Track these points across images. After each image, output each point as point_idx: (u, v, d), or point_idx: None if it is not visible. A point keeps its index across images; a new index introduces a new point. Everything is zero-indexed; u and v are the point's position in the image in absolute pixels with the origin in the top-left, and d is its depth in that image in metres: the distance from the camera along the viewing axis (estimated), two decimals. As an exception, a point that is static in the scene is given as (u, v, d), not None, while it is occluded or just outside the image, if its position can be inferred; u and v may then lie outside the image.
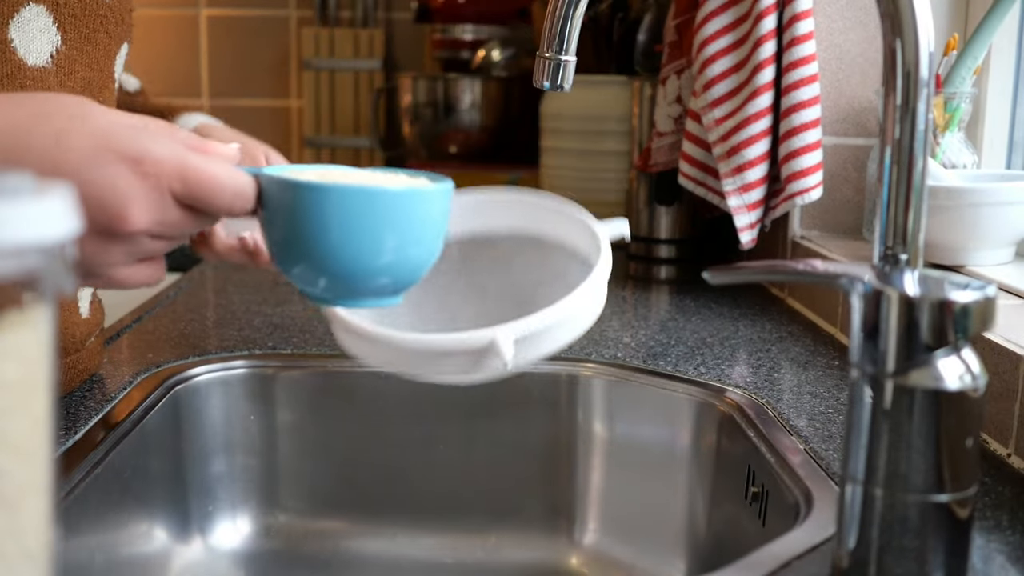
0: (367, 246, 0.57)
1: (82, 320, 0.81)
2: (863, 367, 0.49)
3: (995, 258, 0.98)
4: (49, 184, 0.35)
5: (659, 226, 1.43)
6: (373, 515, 0.96)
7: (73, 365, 0.82)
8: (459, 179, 0.65)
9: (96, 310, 0.85)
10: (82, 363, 0.84)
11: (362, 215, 0.56)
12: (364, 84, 2.16)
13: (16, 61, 0.66)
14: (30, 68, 0.67)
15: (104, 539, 0.73)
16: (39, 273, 0.34)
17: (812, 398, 0.83)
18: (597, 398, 0.93)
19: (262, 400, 0.94)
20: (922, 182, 0.53)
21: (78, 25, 0.72)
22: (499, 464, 0.96)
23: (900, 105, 0.53)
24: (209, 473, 0.92)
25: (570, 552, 0.94)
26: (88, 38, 0.73)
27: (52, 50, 0.69)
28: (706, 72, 1.19)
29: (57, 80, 0.70)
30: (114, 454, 0.74)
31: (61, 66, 0.71)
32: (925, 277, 0.51)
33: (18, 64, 0.66)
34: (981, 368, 0.49)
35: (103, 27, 0.75)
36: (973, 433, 0.49)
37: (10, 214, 0.32)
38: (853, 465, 0.50)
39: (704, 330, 1.05)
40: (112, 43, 0.77)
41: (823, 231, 1.21)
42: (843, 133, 1.20)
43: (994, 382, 0.72)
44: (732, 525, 0.80)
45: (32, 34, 0.67)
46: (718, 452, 0.84)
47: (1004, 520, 0.61)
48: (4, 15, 0.65)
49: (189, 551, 0.88)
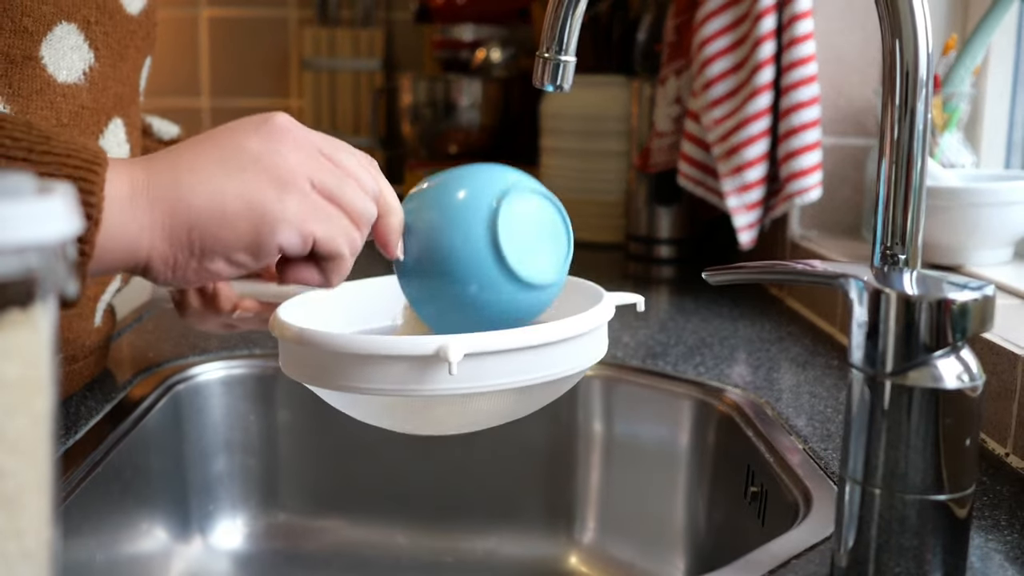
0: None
1: (95, 329, 0.81)
2: (862, 367, 0.50)
3: (994, 258, 0.98)
4: (51, 185, 0.35)
5: (658, 226, 1.44)
6: (373, 514, 0.96)
7: (79, 371, 0.82)
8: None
9: (108, 319, 0.85)
10: (88, 369, 0.84)
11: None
12: (364, 84, 2.16)
13: (46, 78, 0.67)
14: (60, 84, 0.68)
15: (104, 538, 0.73)
16: (40, 272, 0.34)
17: (811, 398, 0.84)
18: (597, 398, 0.93)
19: (262, 400, 0.94)
20: (921, 182, 0.54)
21: (110, 42, 0.72)
22: (499, 463, 0.96)
23: (899, 105, 0.53)
24: (210, 472, 0.92)
25: (570, 551, 0.94)
26: (120, 54, 0.74)
27: (85, 67, 0.70)
28: (705, 72, 1.19)
29: (91, 96, 0.71)
30: (115, 453, 0.74)
31: (95, 83, 0.71)
32: (924, 277, 0.51)
33: (48, 80, 0.67)
34: (979, 368, 0.49)
35: (132, 42, 0.76)
36: (971, 433, 0.49)
37: (11, 213, 0.32)
38: (852, 465, 0.50)
39: (703, 330, 1.05)
40: (139, 58, 0.78)
41: (822, 231, 1.22)
42: (842, 133, 1.20)
43: (992, 382, 0.72)
44: (731, 524, 0.80)
45: (63, 52, 0.68)
46: (717, 452, 0.84)
47: (1002, 519, 0.61)
48: (38, 33, 0.66)
49: (189, 550, 0.88)
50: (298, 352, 0.61)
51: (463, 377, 0.57)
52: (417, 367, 0.56)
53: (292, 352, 0.62)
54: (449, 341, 0.55)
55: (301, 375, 0.62)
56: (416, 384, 0.57)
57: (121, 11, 0.74)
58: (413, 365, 0.56)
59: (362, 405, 0.64)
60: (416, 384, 0.57)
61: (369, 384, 0.58)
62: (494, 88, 1.85)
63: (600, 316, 0.63)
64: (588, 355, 0.63)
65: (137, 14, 0.76)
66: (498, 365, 0.58)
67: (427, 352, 0.56)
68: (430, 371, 0.56)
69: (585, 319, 0.61)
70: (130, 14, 0.75)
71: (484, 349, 0.56)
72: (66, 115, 0.69)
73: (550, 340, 0.59)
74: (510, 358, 0.58)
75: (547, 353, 0.59)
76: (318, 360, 0.60)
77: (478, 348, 0.56)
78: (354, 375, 0.58)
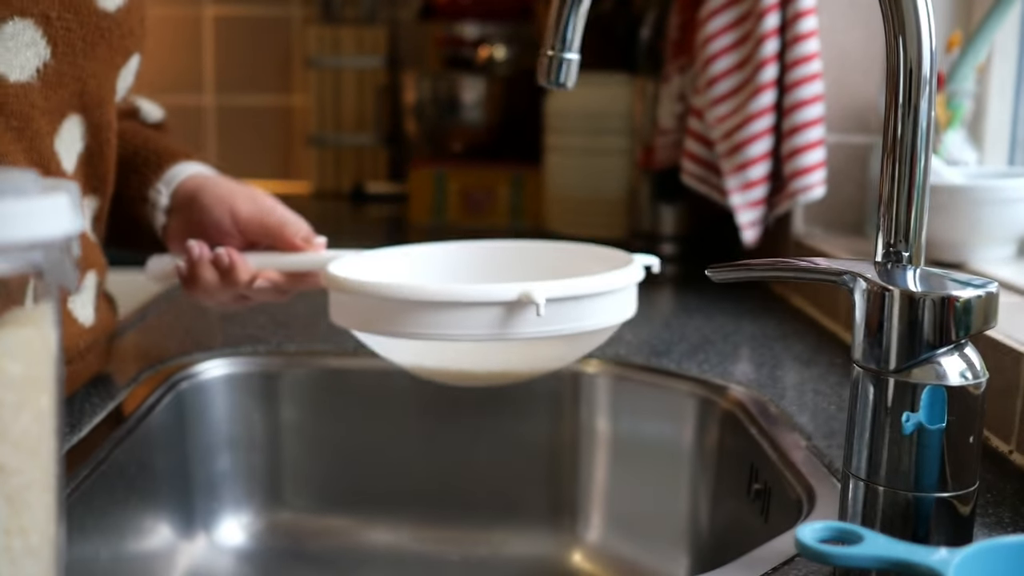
0: None
1: (83, 329, 0.77)
2: (865, 364, 0.50)
3: (997, 255, 0.98)
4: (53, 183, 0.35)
5: (662, 223, 1.44)
6: (377, 512, 0.96)
7: (73, 374, 0.79)
8: (463, 176, 0.66)
9: (104, 315, 0.81)
10: (88, 370, 0.81)
11: None
12: (368, 82, 2.16)
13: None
14: (11, 84, 0.66)
15: (109, 536, 0.73)
16: (43, 269, 0.34)
17: (815, 395, 0.84)
18: (600, 395, 0.93)
19: (267, 397, 0.94)
20: (924, 180, 0.54)
21: (72, 39, 0.70)
22: (503, 461, 0.96)
23: (902, 103, 0.53)
24: (214, 470, 0.92)
25: (573, 548, 0.94)
26: (85, 52, 0.71)
27: (39, 64, 0.68)
28: (709, 69, 1.19)
29: (42, 95, 0.69)
30: (119, 451, 0.74)
31: (47, 81, 0.69)
32: (927, 274, 0.51)
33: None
34: (983, 365, 0.49)
35: (104, 40, 0.73)
36: (975, 430, 0.49)
37: (14, 211, 0.32)
38: (855, 462, 0.50)
39: (707, 327, 1.05)
40: (116, 56, 0.75)
41: (825, 229, 1.21)
42: (845, 131, 1.20)
43: (995, 379, 0.72)
44: (735, 522, 0.80)
45: (16, 49, 0.66)
46: (721, 449, 0.84)
47: (1006, 517, 0.61)
48: None
49: (194, 548, 0.88)
50: (372, 304, 0.67)
51: (544, 321, 0.64)
52: (503, 312, 0.64)
53: (365, 305, 0.67)
54: (532, 287, 0.63)
55: (371, 326, 0.68)
56: (501, 328, 0.64)
57: (90, 6, 0.71)
58: (500, 310, 0.64)
59: (433, 354, 0.71)
60: (501, 328, 0.64)
61: (458, 330, 0.65)
62: (498, 86, 1.85)
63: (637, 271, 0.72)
64: (631, 307, 0.72)
65: (113, 11, 0.73)
66: (570, 311, 0.66)
67: (511, 298, 0.63)
68: (514, 316, 0.64)
69: (633, 270, 0.71)
70: (103, 10, 0.72)
71: (560, 295, 0.64)
72: (16, 117, 0.67)
73: (612, 288, 0.68)
74: (580, 304, 0.66)
75: (606, 301, 0.68)
76: (396, 310, 0.65)
77: (555, 294, 0.64)
78: (443, 322, 0.64)
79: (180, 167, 0.86)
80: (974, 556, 0.43)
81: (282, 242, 0.81)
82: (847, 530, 0.45)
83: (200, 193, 0.83)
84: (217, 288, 0.79)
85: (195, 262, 0.78)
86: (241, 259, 0.78)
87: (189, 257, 0.79)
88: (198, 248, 0.79)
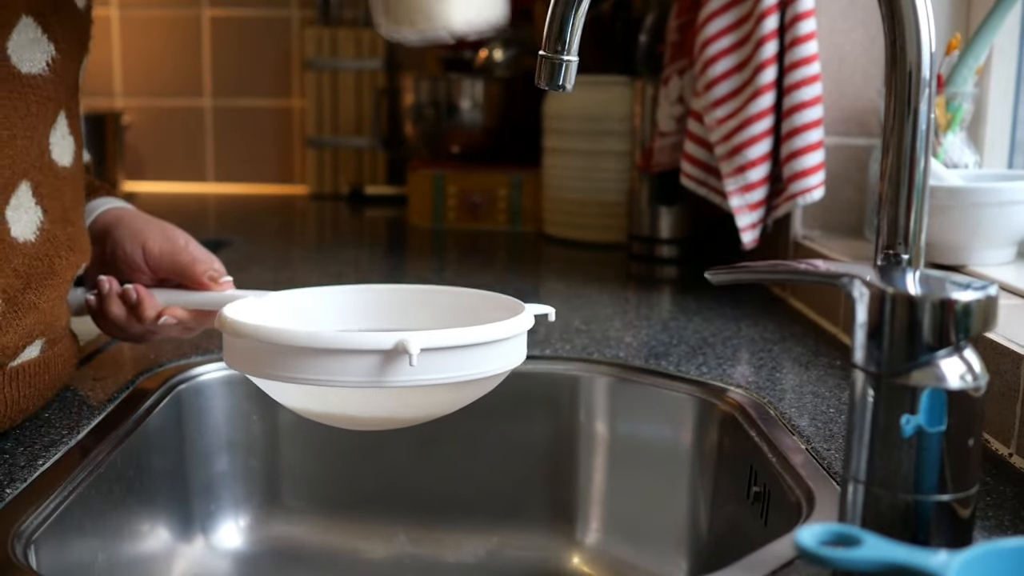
0: None
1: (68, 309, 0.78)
2: (865, 367, 0.50)
3: (996, 258, 0.98)
4: None
5: (661, 226, 1.44)
6: (375, 514, 0.96)
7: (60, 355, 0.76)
8: (461, 179, 0.66)
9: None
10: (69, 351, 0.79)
11: None
12: (366, 84, 2.16)
13: (9, 68, 0.69)
14: (24, 76, 0.70)
15: (107, 538, 0.73)
16: None
17: (814, 398, 0.83)
18: (599, 398, 0.93)
19: (265, 400, 0.94)
20: (924, 182, 0.54)
21: (68, 36, 0.74)
22: (501, 464, 0.96)
23: (902, 105, 0.53)
24: (212, 472, 0.92)
25: (572, 552, 0.94)
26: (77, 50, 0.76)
27: (48, 59, 0.71)
28: (708, 72, 1.19)
29: (54, 88, 0.72)
30: (117, 453, 0.74)
31: (59, 73, 0.73)
32: (927, 277, 0.51)
33: (11, 71, 0.69)
34: (982, 368, 0.49)
35: (82, 37, 0.77)
36: (974, 433, 0.49)
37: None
38: (855, 465, 0.50)
39: (706, 330, 1.05)
40: (83, 52, 0.79)
41: (825, 231, 1.21)
42: (845, 133, 1.20)
43: (995, 382, 0.72)
44: (734, 525, 0.80)
45: (24, 44, 0.69)
46: (720, 452, 0.84)
47: (1006, 520, 0.61)
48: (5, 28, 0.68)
49: (192, 550, 0.88)
50: (256, 348, 0.66)
51: (420, 370, 0.64)
52: (379, 360, 0.63)
53: (251, 348, 0.67)
54: (408, 337, 0.62)
55: (257, 370, 0.67)
56: (378, 376, 0.63)
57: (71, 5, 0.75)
58: (376, 358, 0.63)
59: (317, 398, 0.69)
60: (378, 376, 0.63)
61: (335, 377, 0.64)
62: (496, 88, 1.85)
63: (526, 320, 0.71)
64: (519, 355, 0.71)
65: (82, 9, 0.77)
66: (448, 360, 0.65)
67: (387, 347, 0.62)
68: (390, 364, 0.63)
69: (520, 320, 0.70)
70: (79, 9, 0.76)
71: (437, 345, 0.64)
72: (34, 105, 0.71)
73: (495, 338, 0.67)
74: (459, 353, 0.65)
75: (489, 351, 0.67)
76: (277, 354, 0.65)
77: (432, 344, 0.63)
78: (321, 368, 0.64)
79: (98, 201, 0.88)
80: (974, 559, 0.43)
81: (191, 280, 0.82)
82: (847, 533, 0.45)
83: (114, 228, 0.84)
84: (125, 323, 0.80)
85: (104, 296, 0.80)
86: (148, 295, 0.80)
87: (99, 291, 0.81)
88: (107, 283, 0.80)
